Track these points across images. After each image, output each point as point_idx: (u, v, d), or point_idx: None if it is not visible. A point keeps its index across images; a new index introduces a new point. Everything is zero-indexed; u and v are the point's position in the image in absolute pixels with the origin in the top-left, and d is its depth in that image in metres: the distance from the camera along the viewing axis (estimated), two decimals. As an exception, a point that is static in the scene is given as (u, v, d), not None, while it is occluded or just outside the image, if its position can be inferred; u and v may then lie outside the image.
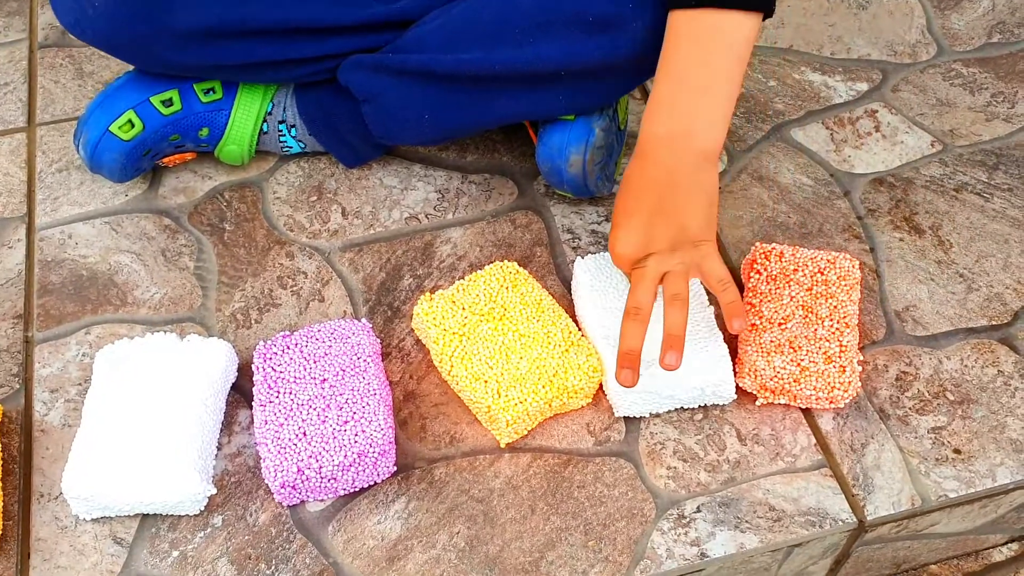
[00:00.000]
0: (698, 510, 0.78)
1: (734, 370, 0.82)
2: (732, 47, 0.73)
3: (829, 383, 0.79)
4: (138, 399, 0.78)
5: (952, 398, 0.84)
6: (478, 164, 1.00)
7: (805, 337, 0.81)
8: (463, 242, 0.94)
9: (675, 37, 0.74)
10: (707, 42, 0.73)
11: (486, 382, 0.79)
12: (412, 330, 0.87)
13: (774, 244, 0.87)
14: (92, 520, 0.77)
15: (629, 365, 0.74)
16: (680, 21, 0.74)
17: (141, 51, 0.84)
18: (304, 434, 0.76)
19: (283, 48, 0.85)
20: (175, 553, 0.75)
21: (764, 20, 0.74)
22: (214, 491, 0.76)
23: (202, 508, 0.77)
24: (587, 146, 0.87)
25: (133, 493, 0.74)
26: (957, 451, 0.82)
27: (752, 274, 0.85)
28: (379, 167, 0.99)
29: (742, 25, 0.73)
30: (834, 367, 0.79)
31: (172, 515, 0.77)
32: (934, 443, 0.82)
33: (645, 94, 1.06)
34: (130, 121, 0.88)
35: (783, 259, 0.85)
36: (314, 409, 0.77)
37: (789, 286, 0.83)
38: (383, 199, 0.97)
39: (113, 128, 0.88)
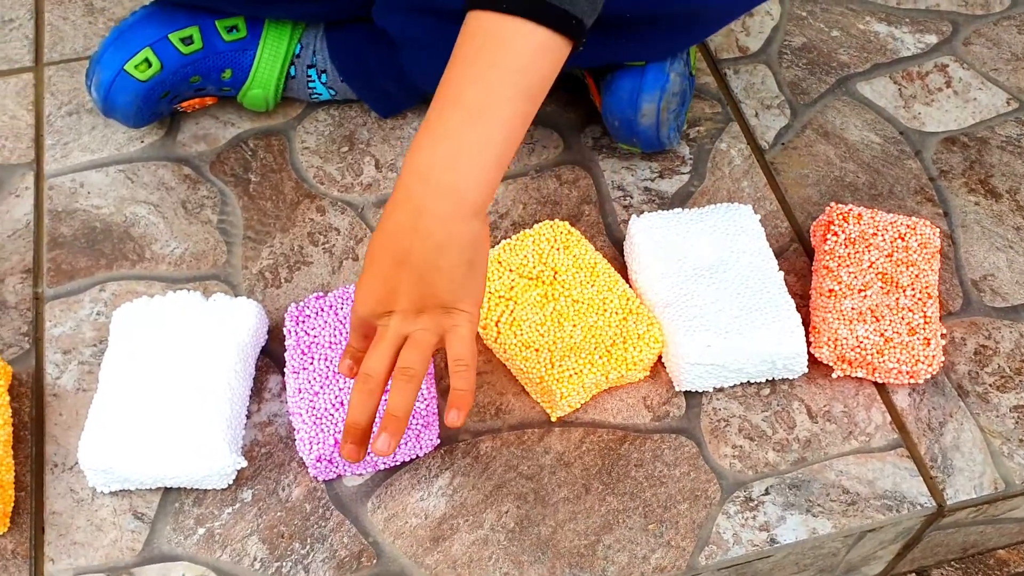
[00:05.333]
0: (767, 492, 0.72)
1: (807, 340, 0.75)
2: (519, 66, 0.57)
3: (913, 356, 0.73)
4: (160, 363, 0.72)
5: (1036, 375, 0.78)
6: (521, 115, 0.93)
7: (887, 306, 0.74)
8: (505, 199, 0.87)
9: (458, 43, 0.58)
10: (489, 52, 0.57)
11: (538, 351, 0.73)
12: (454, 292, 0.81)
13: (851, 205, 0.80)
14: (110, 493, 0.71)
15: (353, 440, 0.63)
16: (467, 23, 0.58)
17: None
18: (341, 404, 0.70)
19: None
20: (201, 530, 0.70)
21: (569, 38, 0.57)
22: (244, 464, 0.70)
23: (230, 482, 0.71)
24: (662, 93, 0.79)
25: (156, 466, 0.68)
26: (1042, 432, 0.76)
27: (829, 236, 0.78)
28: (414, 116, 0.92)
29: (529, 39, 0.56)
30: (918, 339, 0.73)
31: (197, 489, 0.71)
32: (1017, 423, 0.76)
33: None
34: (147, 60, 0.80)
35: (861, 221, 0.78)
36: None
37: (868, 251, 0.77)
38: (420, 151, 0.90)
39: (128, 67, 0.80)
